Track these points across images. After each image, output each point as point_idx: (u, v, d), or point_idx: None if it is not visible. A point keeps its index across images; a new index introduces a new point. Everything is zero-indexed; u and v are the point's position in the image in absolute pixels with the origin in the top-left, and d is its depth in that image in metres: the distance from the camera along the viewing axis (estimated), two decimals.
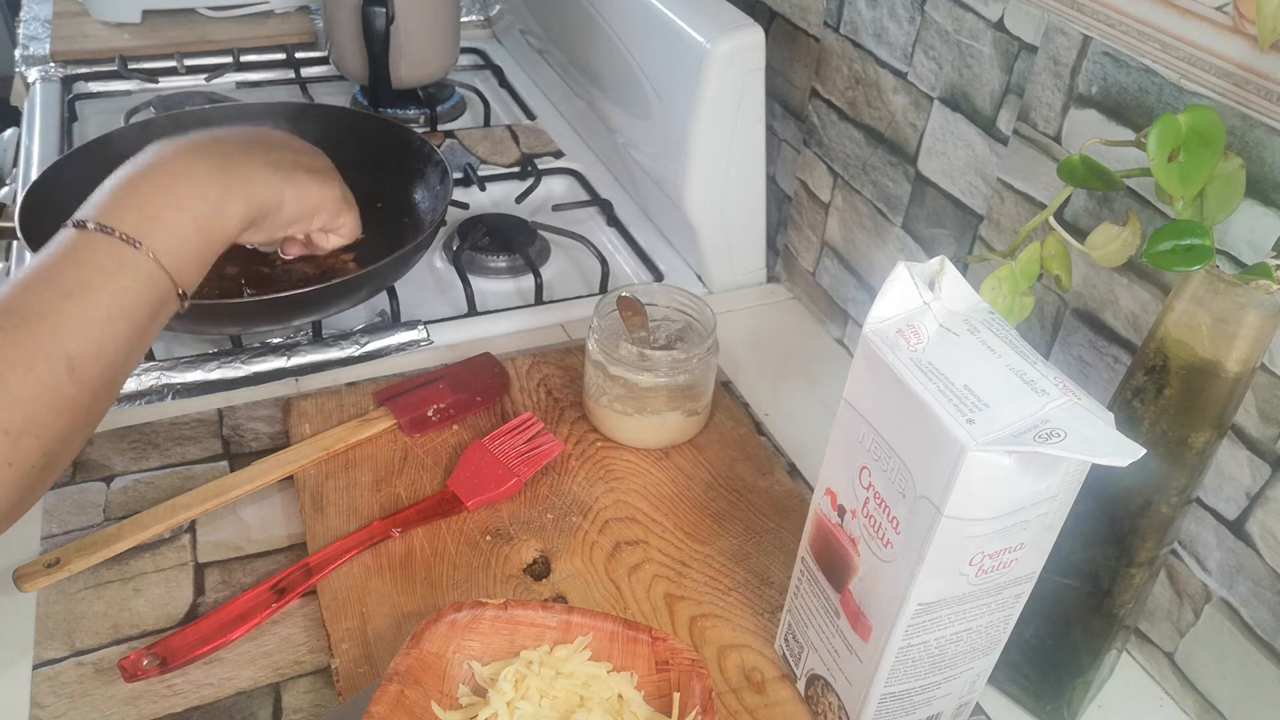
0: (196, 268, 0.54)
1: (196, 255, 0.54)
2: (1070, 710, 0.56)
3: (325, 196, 0.64)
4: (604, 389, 0.69)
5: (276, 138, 0.65)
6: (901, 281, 0.45)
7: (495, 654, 0.52)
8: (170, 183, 0.53)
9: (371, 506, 0.65)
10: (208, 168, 0.55)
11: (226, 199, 0.55)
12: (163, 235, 0.51)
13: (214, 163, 0.55)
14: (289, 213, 0.61)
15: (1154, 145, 0.44)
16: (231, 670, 0.55)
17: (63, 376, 0.47)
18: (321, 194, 0.64)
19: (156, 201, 0.52)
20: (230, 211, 0.55)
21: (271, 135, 0.65)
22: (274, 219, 0.60)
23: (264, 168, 0.59)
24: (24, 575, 0.58)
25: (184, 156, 0.55)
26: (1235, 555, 0.53)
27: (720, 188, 0.84)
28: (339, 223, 0.67)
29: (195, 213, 0.53)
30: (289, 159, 0.62)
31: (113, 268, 0.50)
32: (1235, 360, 0.44)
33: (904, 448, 0.43)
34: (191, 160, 0.55)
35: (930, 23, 0.67)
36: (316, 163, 0.66)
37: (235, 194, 0.56)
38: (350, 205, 0.68)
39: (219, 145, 0.57)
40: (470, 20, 1.37)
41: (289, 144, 0.65)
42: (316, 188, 0.63)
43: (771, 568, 0.63)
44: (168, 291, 0.52)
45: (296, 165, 0.62)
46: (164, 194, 0.53)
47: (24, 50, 1.19)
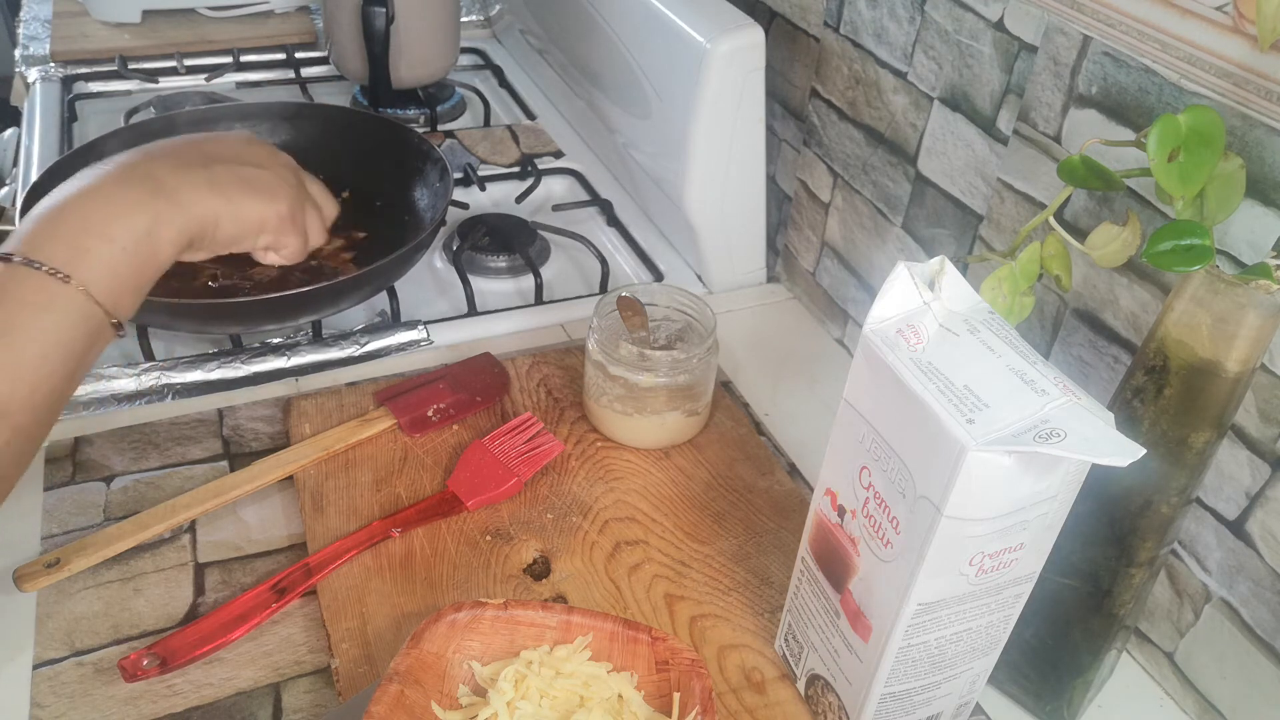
0: (131, 296, 0.52)
1: (130, 284, 0.52)
2: (1070, 710, 0.56)
3: (266, 215, 0.60)
4: (604, 389, 0.69)
5: (224, 148, 0.61)
6: (901, 281, 0.45)
7: (495, 654, 0.52)
8: (98, 211, 0.51)
9: (371, 506, 0.65)
10: (138, 193, 0.52)
11: (157, 224, 0.53)
12: (92, 266, 0.49)
13: (144, 186, 0.53)
14: (226, 232, 0.58)
15: (1154, 145, 0.44)
16: (231, 670, 0.55)
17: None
18: (262, 212, 0.59)
19: (84, 232, 0.50)
20: (163, 236, 0.53)
21: (219, 146, 0.61)
22: (211, 239, 0.57)
23: (200, 187, 0.56)
24: (24, 575, 0.58)
25: (112, 183, 0.52)
26: (1235, 555, 0.53)
27: (720, 188, 0.84)
28: (282, 243, 0.63)
29: (125, 241, 0.51)
30: (230, 175, 0.58)
31: (42, 304, 0.48)
32: (1235, 360, 0.44)
33: (904, 448, 0.43)
34: (120, 186, 0.52)
35: (930, 23, 0.67)
36: (266, 176, 0.61)
37: (165, 218, 0.53)
38: (297, 228, 0.63)
39: (151, 166, 0.55)
40: (470, 20, 1.37)
41: (237, 155, 0.61)
42: (256, 206, 0.59)
43: (771, 568, 0.63)
44: (101, 324, 0.50)
45: (238, 181, 0.58)
46: (91, 223, 0.50)
47: (24, 50, 1.19)
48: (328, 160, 0.92)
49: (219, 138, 0.63)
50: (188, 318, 0.73)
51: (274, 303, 0.72)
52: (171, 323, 0.74)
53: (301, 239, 0.64)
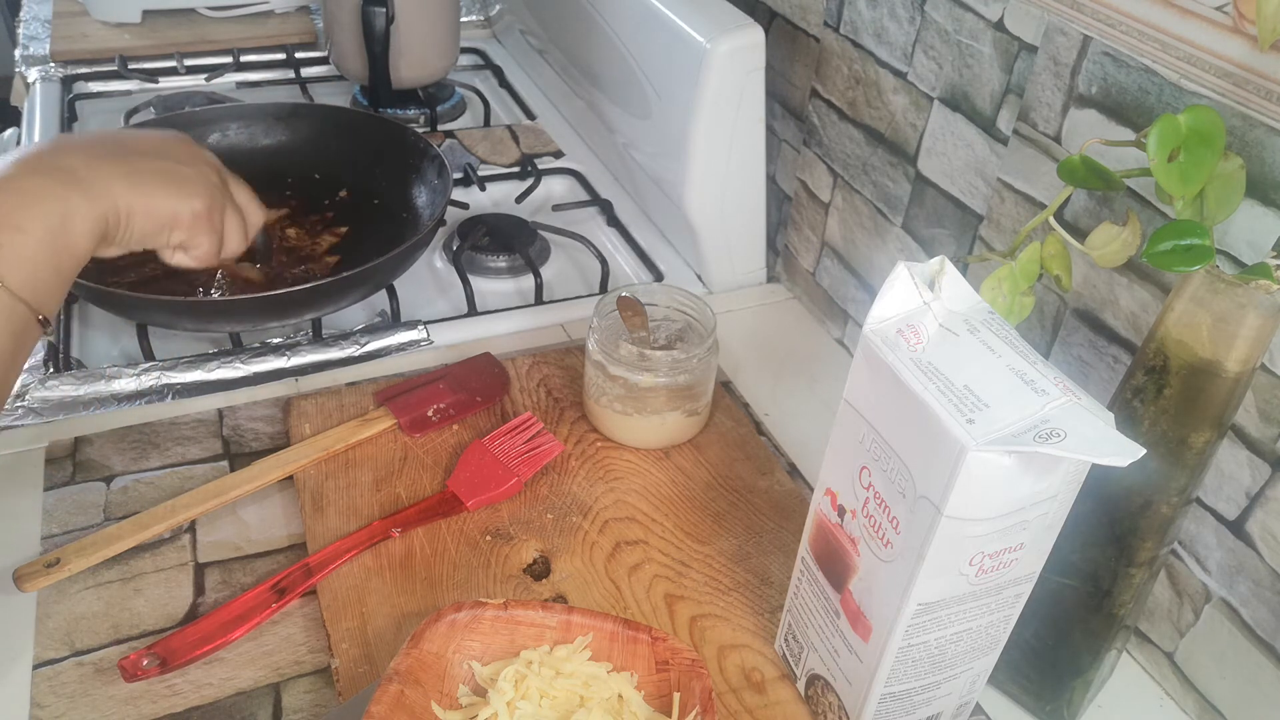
0: (54, 290, 0.51)
1: (51, 277, 0.50)
2: (1070, 710, 0.56)
3: (179, 210, 0.58)
4: (604, 389, 0.69)
5: (144, 143, 0.59)
6: (901, 281, 0.45)
7: (495, 654, 0.52)
8: (6, 202, 0.49)
9: (371, 506, 0.65)
10: (47, 182, 0.51)
11: (69, 214, 0.51)
12: (9, 260, 0.48)
13: (54, 177, 0.52)
14: (139, 226, 0.56)
15: (1154, 145, 0.44)
16: (231, 670, 0.55)
17: None
18: (175, 208, 0.57)
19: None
20: (77, 227, 0.52)
21: (139, 139, 0.60)
22: (124, 232, 0.56)
23: (113, 178, 0.54)
24: (24, 575, 0.58)
25: (21, 174, 0.51)
26: (1235, 555, 0.53)
27: (720, 188, 0.84)
28: (195, 242, 0.60)
29: (39, 233, 0.50)
30: (146, 166, 0.57)
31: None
32: (1235, 360, 0.44)
33: (904, 448, 0.43)
34: (30, 177, 0.51)
35: (930, 23, 0.67)
36: (184, 172, 0.59)
37: (77, 209, 0.52)
38: (211, 228, 0.61)
39: (63, 156, 0.53)
40: (470, 20, 1.37)
41: (158, 150, 0.59)
42: (170, 201, 0.57)
43: (771, 568, 0.63)
44: (25, 319, 0.49)
45: (154, 174, 0.57)
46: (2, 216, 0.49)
47: (24, 50, 1.19)
48: (326, 160, 0.92)
49: (141, 133, 0.62)
50: (188, 317, 0.73)
51: (273, 301, 0.72)
52: (171, 322, 0.74)
53: (215, 240, 0.62)
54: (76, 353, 0.77)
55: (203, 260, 0.62)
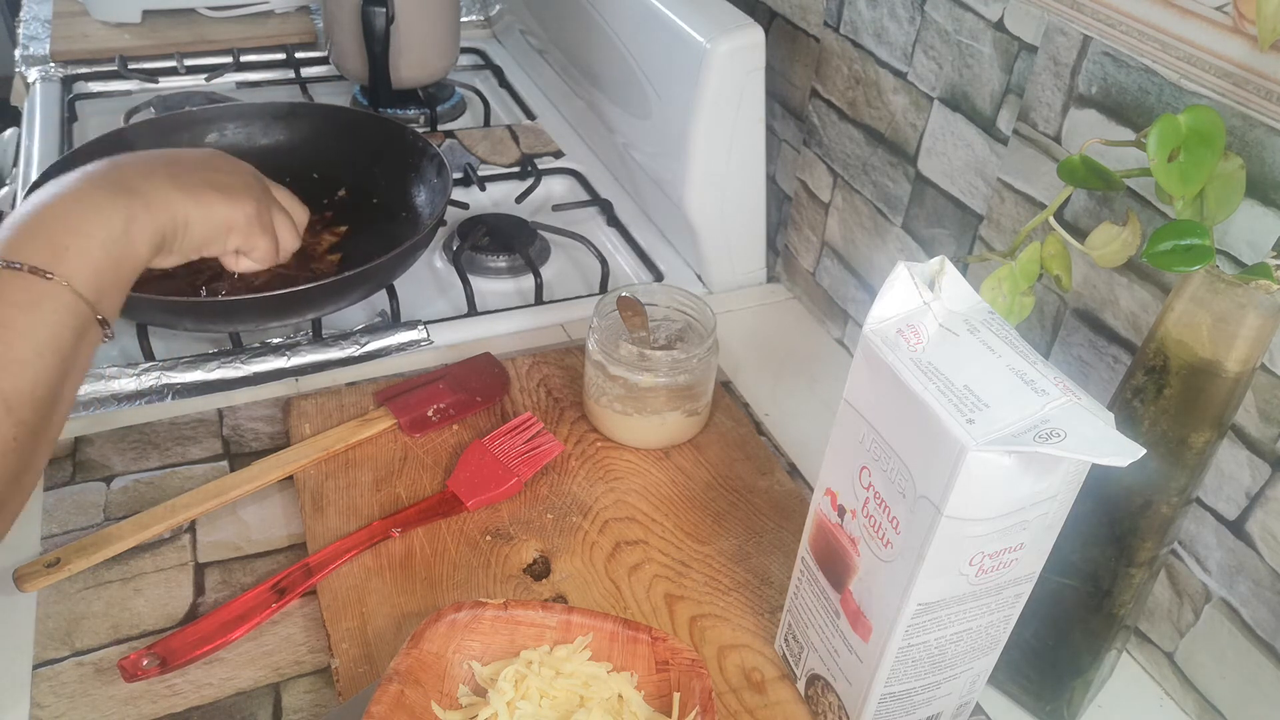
0: (114, 293, 0.54)
1: (111, 280, 0.53)
2: (1070, 710, 0.56)
3: (234, 216, 0.61)
4: (604, 389, 0.69)
5: (189, 157, 0.63)
6: (901, 281, 0.45)
7: (495, 654, 0.52)
8: (73, 211, 0.52)
9: (371, 506, 0.65)
10: (109, 193, 0.54)
11: (131, 222, 0.54)
12: (73, 263, 0.51)
13: (116, 190, 0.55)
14: (197, 233, 0.59)
15: (1154, 145, 0.44)
16: (231, 670, 0.55)
17: (1, 418, 0.47)
18: (229, 214, 0.61)
19: (61, 231, 0.51)
20: (137, 235, 0.55)
21: (184, 155, 0.63)
22: (183, 240, 0.59)
23: (169, 190, 0.57)
24: (24, 575, 0.58)
25: (84, 186, 0.54)
26: (1235, 555, 0.53)
27: (720, 188, 0.84)
28: (251, 244, 0.64)
29: (102, 238, 0.52)
30: (197, 178, 0.60)
31: (29, 302, 0.49)
32: (1235, 360, 0.44)
33: (904, 448, 0.43)
34: (92, 188, 0.54)
35: (930, 23, 0.67)
36: (231, 181, 0.63)
37: (139, 217, 0.55)
38: (265, 229, 0.64)
39: (120, 171, 0.56)
40: (470, 20, 1.37)
41: (204, 163, 0.63)
42: (224, 207, 0.61)
43: (771, 568, 0.63)
44: (87, 319, 0.51)
45: (205, 184, 0.60)
46: (68, 223, 0.52)
47: (24, 50, 1.19)
48: (325, 159, 0.92)
49: (185, 150, 0.65)
50: (188, 317, 0.73)
51: (273, 300, 0.72)
52: (171, 322, 0.74)
53: (271, 240, 0.65)
54: None
55: (265, 260, 0.66)
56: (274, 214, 0.66)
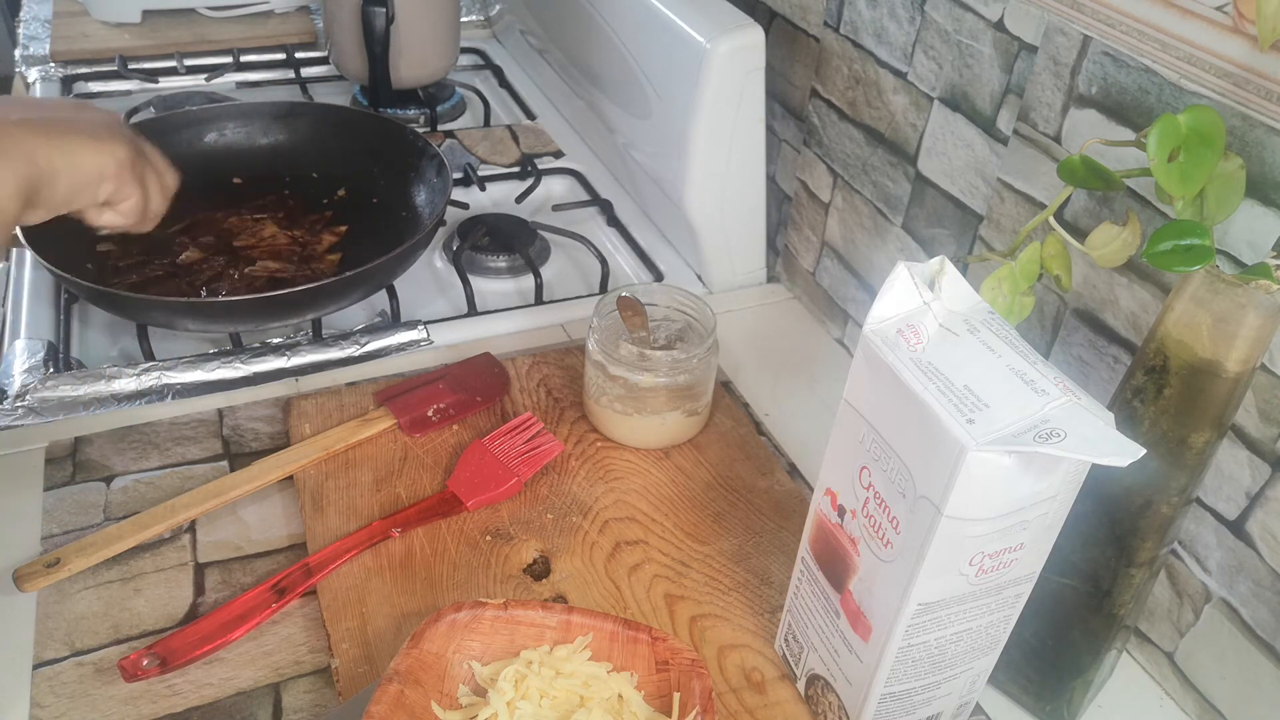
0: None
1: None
2: (1070, 710, 0.56)
3: (104, 163, 0.56)
4: (604, 389, 0.69)
5: (53, 105, 0.59)
6: (901, 281, 0.45)
7: (495, 654, 0.52)
8: None
9: (371, 506, 0.65)
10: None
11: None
12: None
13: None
14: (65, 183, 0.55)
15: (1154, 145, 0.44)
16: (231, 670, 0.55)
17: None
18: (99, 161, 0.56)
19: None
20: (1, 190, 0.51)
21: (46, 103, 0.59)
22: (50, 192, 0.54)
23: (28, 138, 0.53)
24: (24, 575, 0.58)
25: None
26: (1235, 555, 0.53)
27: (720, 188, 0.84)
28: (123, 194, 0.59)
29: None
30: (63, 124, 0.55)
31: None
32: (1235, 360, 0.44)
33: (904, 448, 0.43)
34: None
35: (930, 23, 0.67)
36: (96, 125, 0.58)
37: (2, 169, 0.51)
38: (137, 179, 0.59)
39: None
40: (470, 20, 1.37)
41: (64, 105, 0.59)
42: (92, 154, 0.56)
43: (771, 568, 0.63)
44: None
45: (72, 130, 0.55)
46: None
47: (24, 50, 1.19)
48: (324, 159, 0.92)
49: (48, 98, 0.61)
50: (188, 317, 0.73)
51: (273, 301, 0.73)
52: (171, 322, 0.74)
53: (141, 194, 0.60)
54: (76, 353, 0.77)
55: (130, 216, 0.61)
56: (145, 169, 0.61)
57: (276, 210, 0.88)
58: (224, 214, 0.85)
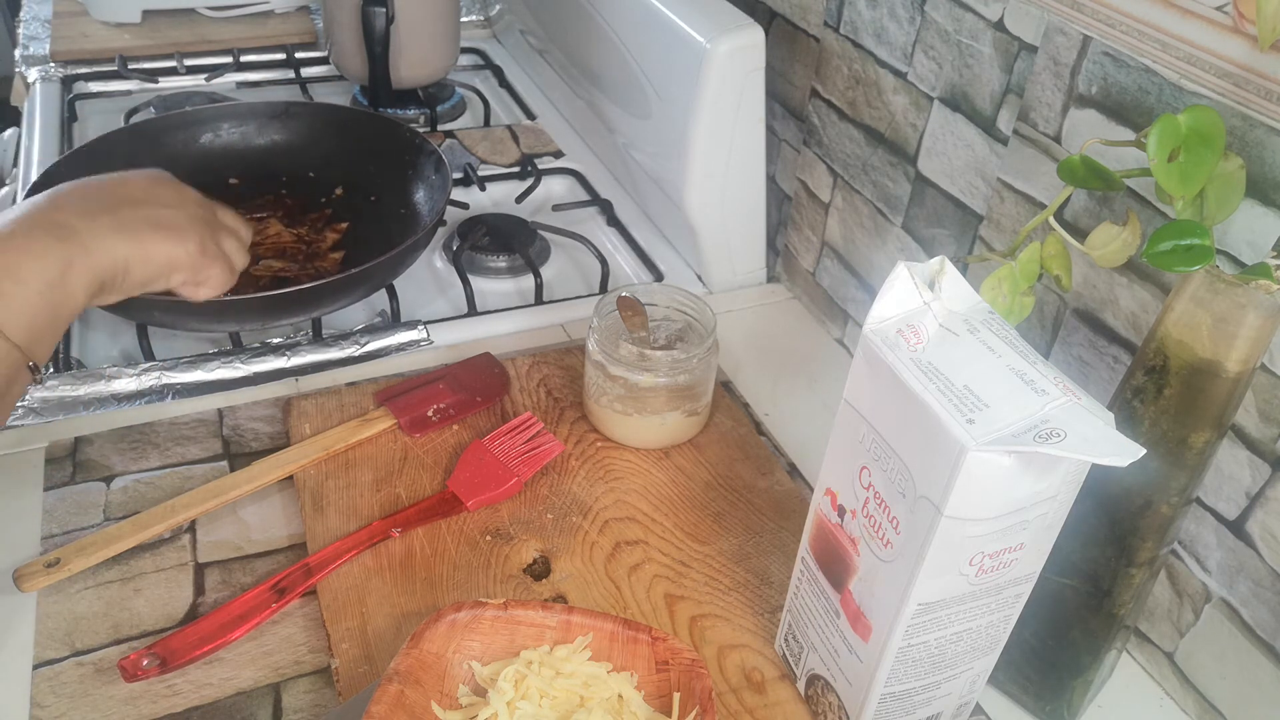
0: (47, 339, 0.54)
1: (46, 327, 0.53)
2: (1070, 710, 0.56)
3: (175, 255, 0.61)
4: (604, 389, 0.69)
5: (132, 191, 0.62)
6: (901, 281, 0.45)
7: (495, 654, 0.53)
8: (8, 256, 0.53)
9: (371, 506, 0.65)
10: (46, 240, 0.54)
11: (68, 270, 0.54)
12: (8, 310, 0.51)
13: (52, 233, 0.55)
14: (138, 275, 0.60)
15: (1154, 145, 0.44)
16: (231, 670, 0.55)
17: None
18: (171, 254, 0.61)
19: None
20: (74, 281, 0.55)
21: (126, 187, 0.62)
22: (123, 282, 0.59)
23: (107, 233, 0.57)
24: (24, 575, 0.58)
25: (21, 230, 0.54)
26: (1235, 555, 0.53)
27: (720, 188, 0.84)
28: (202, 277, 0.65)
29: (39, 285, 0.53)
30: (138, 217, 0.60)
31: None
32: (1235, 360, 0.44)
33: (904, 448, 0.43)
34: (29, 232, 0.54)
35: (930, 23, 0.67)
36: (174, 216, 0.62)
37: (76, 264, 0.55)
38: (214, 258, 0.65)
39: (57, 213, 0.56)
40: (470, 20, 1.37)
41: (145, 196, 0.62)
42: (165, 247, 0.61)
43: (771, 568, 0.63)
44: (18, 365, 0.52)
45: (146, 224, 0.60)
46: (4, 267, 0.52)
47: (24, 50, 1.19)
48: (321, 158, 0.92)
49: (126, 178, 0.64)
50: (188, 317, 0.73)
51: (274, 300, 0.72)
52: (172, 322, 0.74)
53: (223, 266, 0.66)
54: (76, 353, 0.77)
55: (221, 287, 0.67)
56: (221, 239, 0.66)
57: (275, 209, 0.88)
58: None
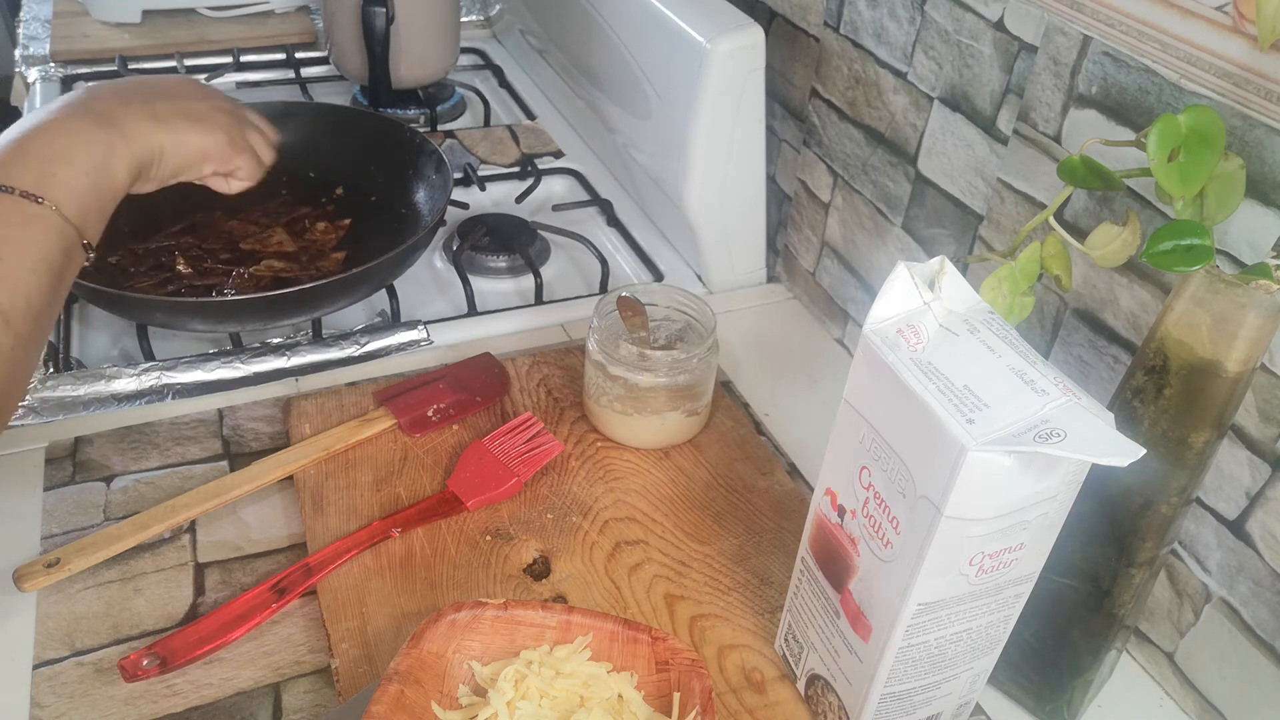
0: (96, 218, 0.57)
1: (94, 206, 0.57)
2: (1070, 710, 0.56)
3: (207, 144, 0.65)
4: (604, 389, 0.69)
5: (164, 86, 0.66)
6: (901, 281, 0.45)
7: (495, 654, 0.52)
8: (58, 140, 0.56)
9: (371, 506, 0.65)
10: (90, 126, 0.58)
11: (111, 152, 0.58)
12: (60, 189, 0.54)
13: (95, 120, 0.58)
14: (172, 162, 0.63)
15: (1154, 145, 0.44)
16: (231, 670, 0.55)
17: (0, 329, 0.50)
18: (202, 142, 0.64)
19: (48, 158, 0.55)
20: (116, 164, 0.58)
21: (158, 84, 0.66)
22: (159, 168, 0.62)
23: (143, 120, 0.61)
24: (24, 575, 0.58)
25: (66, 116, 0.57)
26: (1235, 555, 0.53)
27: (720, 188, 0.84)
28: (232, 166, 0.68)
29: (85, 166, 0.56)
30: (172, 108, 0.63)
31: (21, 222, 0.52)
32: (1235, 360, 0.44)
33: (904, 448, 0.43)
34: (73, 119, 0.57)
35: (930, 23, 0.67)
36: (203, 108, 0.66)
37: (118, 148, 0.58)
38: (241, 149, 0.68)
39: (99, 101, 0.60)
40: (470, 20, 1.37)
41: (176, 91, 0.66)
42: (197, 136, 0.64)
43: (771, 568, 0.63)
44: (74, 241, 0.55)
45: (178, 114, 0.63)
46: (54, 151, 0.55)
47: (24, 50, 1.19)
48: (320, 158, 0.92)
49: (157, 77, 0.68)
50: (189, 317, 0.73)
51: (274, 301, 0.72)
52: (173, 323, 0.74)
53: (251, 156, 0.69)
54: (76, 353, 0.77)
55: (252, 176, 0.70)
56: (248, 134, 0.70)
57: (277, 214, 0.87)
58: (223, 215, 0.85)
